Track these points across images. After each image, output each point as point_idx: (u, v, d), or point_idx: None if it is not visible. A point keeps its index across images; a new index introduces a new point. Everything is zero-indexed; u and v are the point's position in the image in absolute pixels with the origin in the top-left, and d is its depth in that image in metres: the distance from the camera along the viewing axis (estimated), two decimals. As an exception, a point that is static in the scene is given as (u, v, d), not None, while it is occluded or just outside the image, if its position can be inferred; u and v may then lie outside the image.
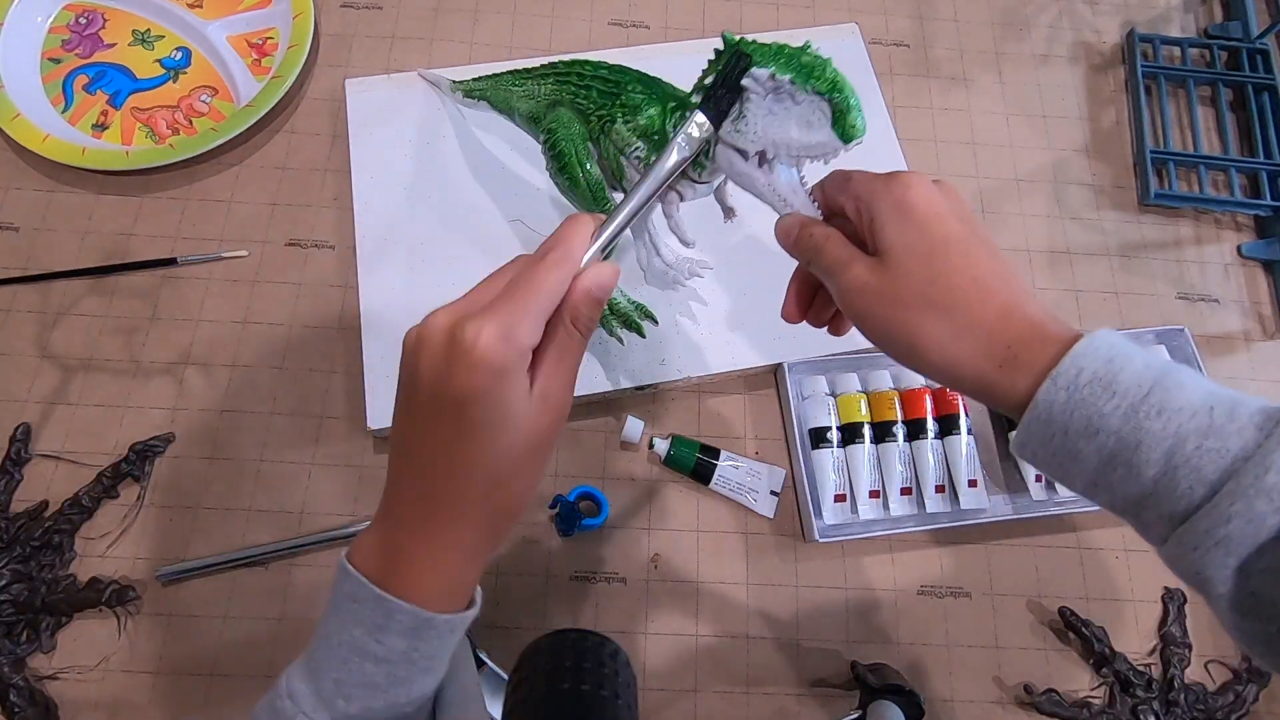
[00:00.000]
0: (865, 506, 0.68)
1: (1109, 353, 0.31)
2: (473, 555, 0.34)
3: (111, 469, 0.67)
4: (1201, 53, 0.93)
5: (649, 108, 0.56)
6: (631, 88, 0.58)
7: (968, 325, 0.33)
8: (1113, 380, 0.30)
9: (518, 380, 0.32)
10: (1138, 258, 0.82)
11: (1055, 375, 0.31)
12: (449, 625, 0.34)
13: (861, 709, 0.61)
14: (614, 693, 0.44)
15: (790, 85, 0.41)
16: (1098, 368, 0.30)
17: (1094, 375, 0.30)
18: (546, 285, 0.33)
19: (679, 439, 0.70)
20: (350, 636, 0.33)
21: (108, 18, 0.86)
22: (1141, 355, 0.31)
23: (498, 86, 0.73)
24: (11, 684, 0.60)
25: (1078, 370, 0.30)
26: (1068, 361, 0.31)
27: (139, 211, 0.77)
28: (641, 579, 0.68)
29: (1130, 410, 0.29)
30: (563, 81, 0.65)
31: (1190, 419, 0.29)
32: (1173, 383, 0.30)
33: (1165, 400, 0.29)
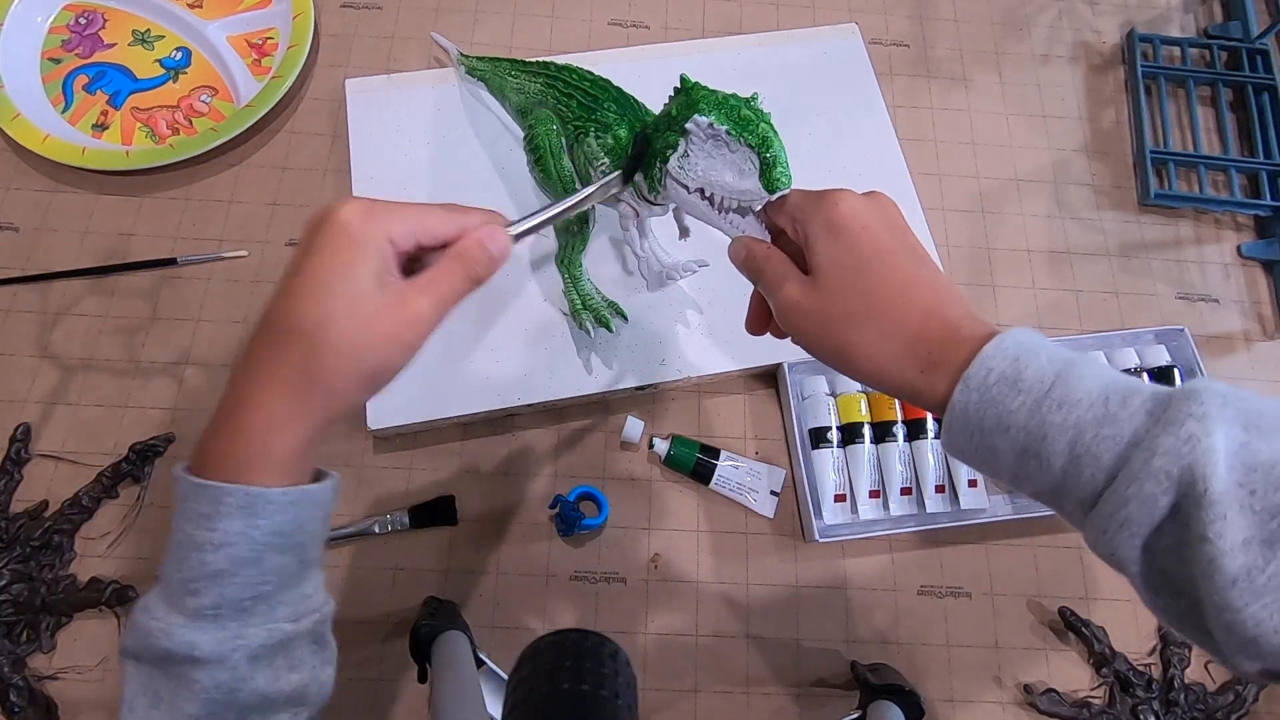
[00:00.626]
0: (865, 506, 0.68)
1: (1016, 351, 0.32)
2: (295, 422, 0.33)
3: (111, 469, 0.67)
4: (1201, 53, 0.93)
5: (618, 128, 0.61)
6: (608, 105, 0.62)
7: (892, 332, 0.35)
8: (1018, 378, 0.32)
9: (365, 257, 0.34)
10: (1138, 258, 0.82)
11: (966, 377, 0.32)
12: (289, 498, 0.33)
13: (861, 709, 0.61)
14: (614, 693, 0.44)
15: (727, 135, 0.44)
16: (1004, 367, 0.32)
17: (1001, 375, 0.32)
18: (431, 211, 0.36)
19: (679, 439, 0.70)
20: (184, 535, 0.33)
21: (108, 18, 0.86)
22: (1047, 350, 0.32)
23: (497, 71, 0.77)
24: (11, 684, 0.60)
25: (986, 371, 0.32)
26: (977, 363, 0.32)
27: (139, 211, 0.77)
28: (641, 579, 0.68)
29: (1035, 406, 0.31)
30: (550, 84, 0.69)
31: (1088, 410, 0.30)
32: (1074, 375, 0.31)
33: (1066, 393, 0.31)
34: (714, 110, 0.45)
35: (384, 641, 0.65)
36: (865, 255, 0.37)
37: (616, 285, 0.74)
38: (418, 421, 0.68)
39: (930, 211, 0.80)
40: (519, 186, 0.78)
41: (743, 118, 0.44)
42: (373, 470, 0.69)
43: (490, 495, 0.69)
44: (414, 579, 0.67)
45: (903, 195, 0.80)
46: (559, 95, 0.68)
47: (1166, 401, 0.29)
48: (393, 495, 0.69)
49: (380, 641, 0.65)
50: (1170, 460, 0.28)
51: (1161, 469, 0.28)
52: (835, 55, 0.86)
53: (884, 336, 0.35)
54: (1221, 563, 0.27)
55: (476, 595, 0.66)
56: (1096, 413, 0.30)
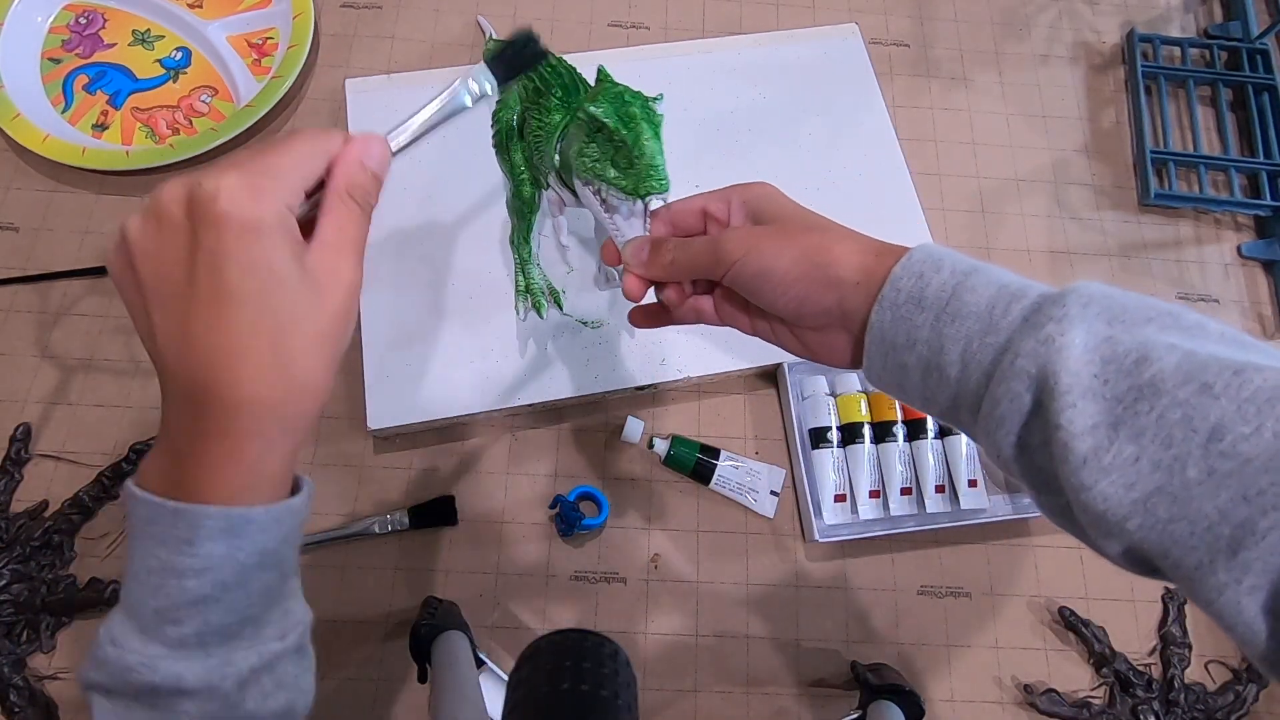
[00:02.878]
0: (865, 506, 0.68)
1: (920, 268, 0.34)
2: (270, 441, 0.30)
3: (111, 469, 0.67)
4: (1201, 53, 0.93)
5: (555, 114, 0.59)
6: (555, 92, 0.61)
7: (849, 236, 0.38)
8: (921, 295, 0.33)
9: (277, 243, 0.29)
10: (1138, 258, 0.82)
11: (881, 297, 0.34)
12: (272, 516, 0.31)
13: (861, 709, 0.61)
14: (614, 693, 0.44)
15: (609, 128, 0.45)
16: (910, 285, 0.34)
17: (909, 294, 0.34)
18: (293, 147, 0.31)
19: (679, 439, 0.70)
20: (157, 561, 0.30)
21: (108, 18, 0.86)
22: (950, 263, 0.34)
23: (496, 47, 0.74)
24: (11, 684, 0.60)
25: (896, 291, 0.34)
26: (889, 284, 0.34)
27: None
28: (641, 579, 0.68)
29: (935, 320, 0.33)
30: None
31: (976, 321, 0.32)
32: (967, 287, 0.33)
33: (959, 306, 0.32)
34: (605, 103, 0.45)
35: (384, 641, 0.65)
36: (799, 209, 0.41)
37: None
38: (418, 421, 0.68)
39: (930, 211, 0.80)
40: (519, 186, 0.78)
41: (628, 115, 0.44)
42: (373, 470, 0.69)
43: (490, 495, 0.69)
44: (414, 579, 0.67)
45: (903, 195, 0.80)
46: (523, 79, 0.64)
47: (1039, 306, 0.31)
48: (393, 495, 0.69)
49: (380, 641, 0.65)
50: (1030, 360, 0.30)
51: (1022, 368, 0.30)
52: (835, 55, 0.86)
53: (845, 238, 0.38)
54: (1072, 445, 0.28)
55: (476, 595, 0.66)
56: (983, 322, 0.32)
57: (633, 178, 0.44)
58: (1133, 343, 0.29)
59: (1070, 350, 0.29)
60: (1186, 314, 0.30)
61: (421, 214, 0.76)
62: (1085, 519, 0.29)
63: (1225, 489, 0.26)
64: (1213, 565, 0.26)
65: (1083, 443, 0.28)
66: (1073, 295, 0.30)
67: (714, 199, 0.42)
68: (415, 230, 0.75)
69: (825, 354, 0.39)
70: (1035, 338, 0.30)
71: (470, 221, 0.76)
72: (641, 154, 0.44)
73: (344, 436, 0.70)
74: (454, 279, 0.73)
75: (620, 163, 0.45)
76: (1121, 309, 0.30)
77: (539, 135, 0.60)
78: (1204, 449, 0.27)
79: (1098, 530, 0.29)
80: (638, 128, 0.44)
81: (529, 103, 0.63)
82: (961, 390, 0.33)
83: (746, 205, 0.41)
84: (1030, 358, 0.30)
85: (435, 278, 0.73)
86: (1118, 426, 0.28)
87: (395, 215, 0.76)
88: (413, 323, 0.71)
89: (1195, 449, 0.27)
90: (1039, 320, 0.30)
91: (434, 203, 0.77)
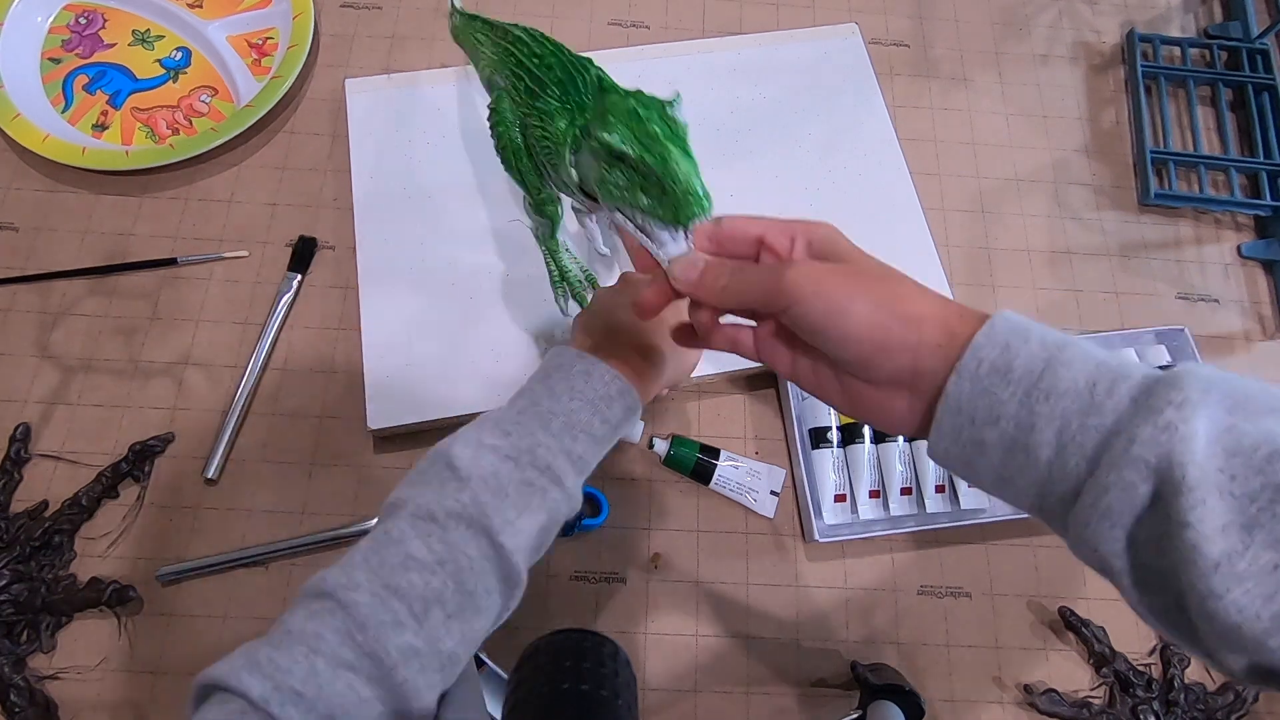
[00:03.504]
0: (865, 506, 0.68)
1: (1006, 338, 0.32)
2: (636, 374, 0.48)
3: (111, 469, 0.67)
4: (1201, 53, 0.93)
5: (559, 119, 0.53)
6: (551, 89, 0.55)
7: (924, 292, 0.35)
8: (1008, 367, 0.31)
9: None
10: (1138, 258, 0.82)
11: (959, 367, 0.32)
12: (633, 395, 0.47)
13: (861, 709, 0.61)
14: (614, 693, 0.44)
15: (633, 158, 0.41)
16: (995, 356, 0.31)
17: (992, 365, 0.31)
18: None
19: (679, 439, 0.70)
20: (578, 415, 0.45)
21: (108, 18, 0.86)
22: (1038, 335, 0.32)
23: (470, 31, 0.67)
24: (11, 684, 0.60)
25: (978, 362, 0.32)
26: (969, 352, 0.32)
27: (139, 211, 0.77)
28: (641, 579, 0.68)
29: (1025, 396, 0.31)
30: (504, 57, 0.60)
31: (1074, 400, 0.30)
32: (1061, 362, 0.31)
33: (1054, 383, 0.30)
34: (620, 126, 0.40)
35: (384, 641, 0.65)
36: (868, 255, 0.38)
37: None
38: (418, 421, 0.68)
39: (930, 211, 0.80)
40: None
41: (648, 136, 0.40)
42: (373, 470, 0.69)
43: (490, 495, 0.69)
44: (414, 579, 0.66)
45: (903, 195, 0.80)
46: (511, 75, 0.58)
47: (1151, 388, 0.29)
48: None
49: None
50: (1148, 448, 0.28)
51: (1140, 456, 0.28)
52: (835, 55, 0.86)
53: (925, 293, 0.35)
54: (1202, 548, 0.26)
55: (476, 595, 0.66)
56: (1083, 402, 0.30)
57: (669, 207, 0.39)
58: (1260, 435, 0.27)
59: (1195, 440, 0.27)
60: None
61: (421, 213, 0.76)
62: (1209, 630, 0.27)
63: None
64: None
65: (1214, 546, 0.26)
66: (1190, 379, 0.28)
67: (775, 229, 0.39)
68: (415, 230, 0.75)
69: (877, 414, 0.36)
70: (1154, 424, 0.28)
71: (471, 221, 0.76)
72: (675, 180, 0.39)
73: (344, 436, 0.70)
74: (454, 279, 0.73)
75: (651, 191, 0.40)
76: (1244, 396, 0.28)
77: (547, 148, 0.55)
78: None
79: (1225, 644, 0.27)
80: (663, 149, 0.39)
81: (525, 108, 0.57)
82: (1054, 475, 0.30)
83: (812, 244, 0.38)
84: (1149, 446, 0.27)
85: (435, 277, 0.73)
86: (1252, 529, 0.26)
87: (395, 215, 0.76)
88: (413, 323, 0.71)
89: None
90: (1155, 404, 0.28)
91: (434, 202, 0.77)
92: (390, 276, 0.73)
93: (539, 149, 0.57)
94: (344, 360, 0.73)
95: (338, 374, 0.72)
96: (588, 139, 0.44)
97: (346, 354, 0.73)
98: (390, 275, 0.73)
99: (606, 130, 0.40)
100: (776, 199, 0.78)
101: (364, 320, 0.71)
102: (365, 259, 0.74)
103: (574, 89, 0.54)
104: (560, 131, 0.53)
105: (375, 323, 0.71)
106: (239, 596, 0.65)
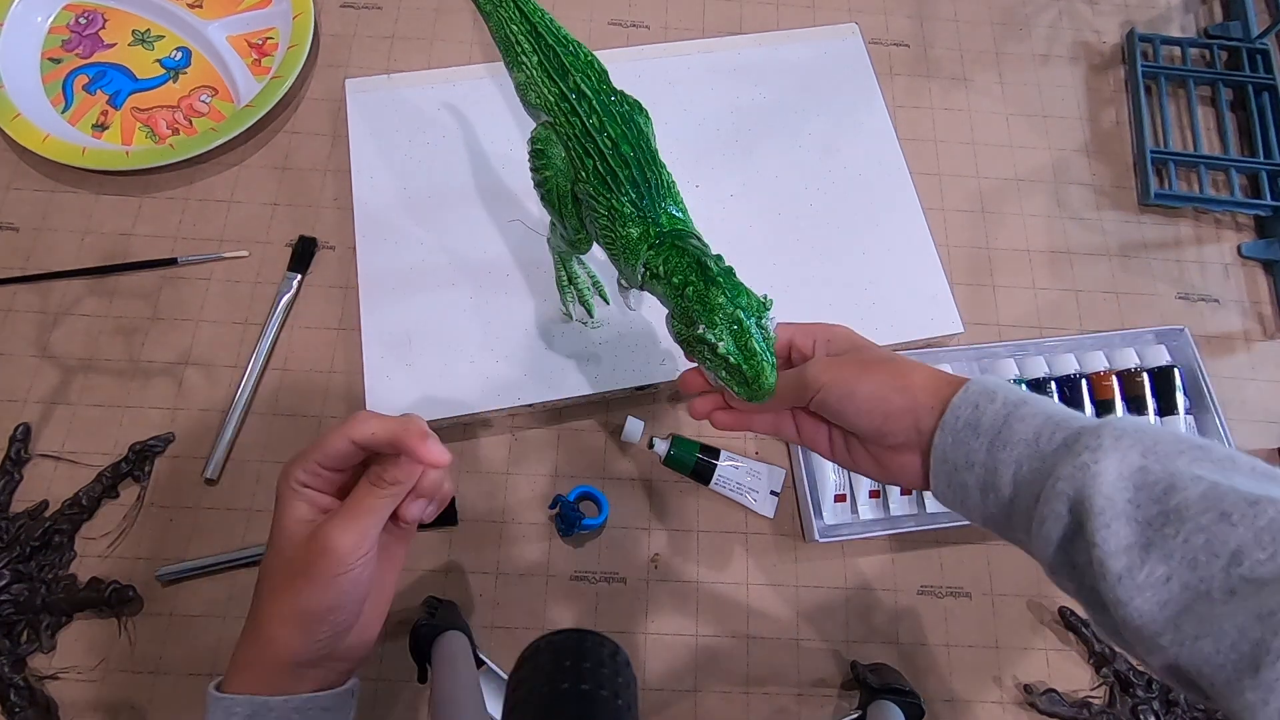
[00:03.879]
0: (865, 506, 0.68)
1: (976, 398, 0.39)
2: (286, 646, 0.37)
3: (111, 469, 0.67)
4: (1201, 53, 0.93)
5: (631, 226, 0.53)
6: (627, 188, 0.54)
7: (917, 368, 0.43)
8: (978, 422, 0.38)
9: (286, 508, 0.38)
10: (1138, 258, 0.82)
11: (942, 424, 0.39)
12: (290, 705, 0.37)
13: (861, 709, 0.61)
14: (614, 693, 0.44)
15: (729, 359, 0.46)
16: (968, 414, 0.39)
17: (966, 421, 0.39)
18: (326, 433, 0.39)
19: (679, 439, 0.70)
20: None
21: (108, 18, 0.86)
22: (1003, 395, 0.39)
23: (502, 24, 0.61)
24: (12, 684, 0.60)
25: (955, 418, 0.39)
26: (949, 411, 0.39)
27: (139, 211, 0.77)
28: (641, 579, 0.68)
29: (990, 446, 0.38)
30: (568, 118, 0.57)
31: (1025, 447, 0.37)
32: (1018, 416, 0.37)
33: (1010, 434, 0.37)
34: (725, 334, 0.45)
35: (384, 641, 0.65)
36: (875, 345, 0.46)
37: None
38: (418, 421, 0.68)
39: (930, 211, 0.80)
40: (520, 185, 0.78)
41: (748, 349, 0.45)
42: (373, 470, 0.69)
43: (490, 495, 0.69)
44: (414, 579, 0.67)
45: (903, 195, 0.80)
46: (576, 142, 0.56)
47: (1077, 436, 0.35)
48: (393, 495, 0.69)
49: (380, 641, 0.65)
50: (1068, 483, 0.34)
51: (1062, 490, 0.34)
52: (835, 55, 0.86)
53: (920, 367, 0.42)
54: (1108, 564, 0.32)
55: (476, 595, 0.66)
56: (1030, 449, 0.36)
57: (745, 390, 0.45)
58: (1163, 472, 0.33)
59: (1104, 476, 0.33)
60: (1217, 448, 0.34)
61: (421, 213, 0.76)
62: (1127, 634, 0.32)
63: (1243, 610, 0.28)
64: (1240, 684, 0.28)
65: (1117, 561, 0.32)
66: (1107, 428, 0.34)
67: (800, 334, 0.47)
68: (415, 230, 0.75)
69: (900, 474, 0.43)
70: (1073, 463, 0.34)
71: (471, 221, 0.76)
72: (760, 386, 0.44)
73: (344, 436, 0.70)
74: (454, 279, 0.73)
75: (734, 375, 0.45)
76: (1155, 442, 0.34)
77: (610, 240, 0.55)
78: (1225, 572, 0.30)
79: (1141, 646, 0.32)
80: (759, 366, 0.44)
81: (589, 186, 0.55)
82: (1015, 509, 0.37)
83: (831, 342, 0.46)
84: (1068, 481, 0.34)
85: (435, 277, 0.73)
86: (1149, 548, 0.31)
87: (395, 214, 0.76)
88: (413, 323, 0.72)
89: (1218, 572, 0.30)
90: (1076, 449, 0.34)
91: (434, 202, 0.77)
92: (390, 276, 0.73)
93: (600, 236, 0.57)
94: (344, 360, 0.73)
95: (338, 374, 0.72)
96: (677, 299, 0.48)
97: (346, 354, 0.73)
98: (390, 275, 0.73)
99: (713, 333, 0.45)
100: (776, 199, 0.78)
101: (364, 320, 0.71)
102: (365, 259, 0.74)
103: (650, 195, 0.54)
104: (633, 240, 0.53)
105: (375, 323, 0.71)
106: (239, 596, 0.65)
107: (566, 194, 0.59)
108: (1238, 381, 0.78)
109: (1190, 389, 0.72)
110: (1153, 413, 0.71)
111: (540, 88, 0.59)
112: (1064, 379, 0.72)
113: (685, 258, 0.50)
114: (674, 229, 0.53)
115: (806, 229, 0.78)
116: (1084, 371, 0.72)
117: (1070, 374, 0.72)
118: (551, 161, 0.58)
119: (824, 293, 0.75)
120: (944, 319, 0.75)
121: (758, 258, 0.74)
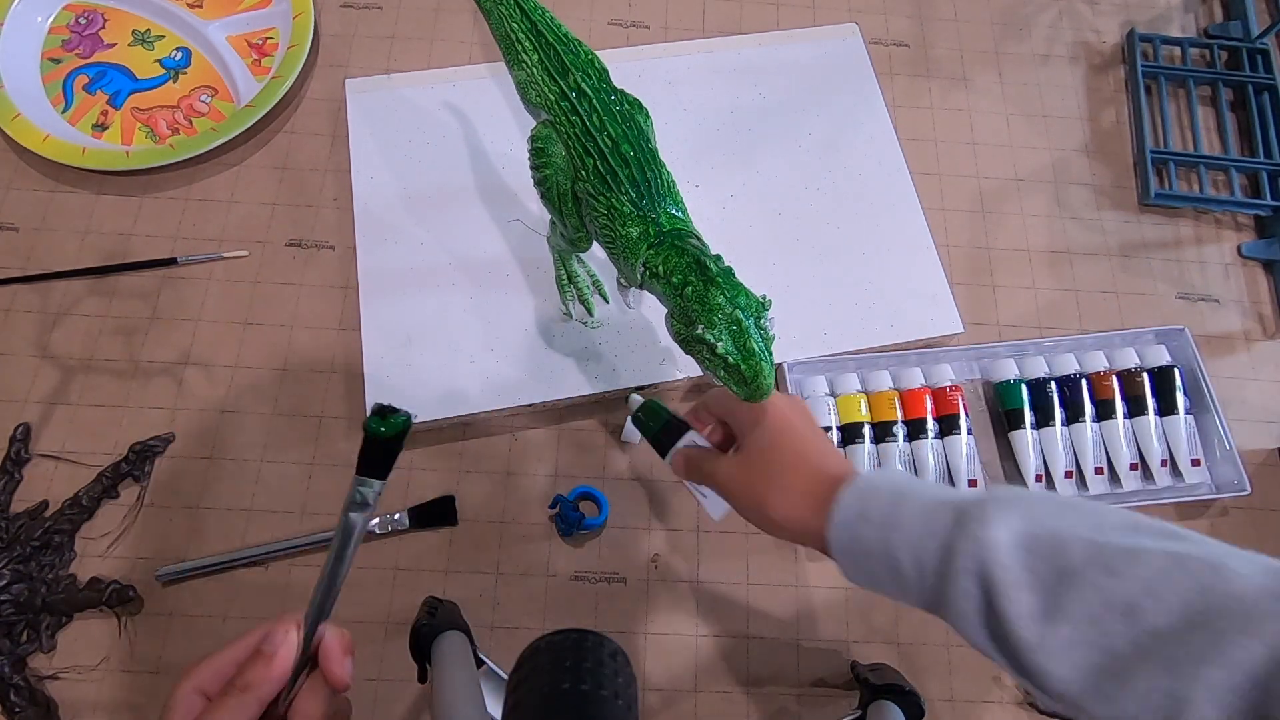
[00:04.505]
0: (865, 506, 0.68)
1: (860, 493, 0.40)
2: None
3: (111, 469, 0.67)
4: (1201, 53, 0.93)
5: (630, 225, 0.54)
6: (626, 186, 0.54)
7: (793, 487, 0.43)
8: (865, 514, 0.39)
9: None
10: (1138, 258, 0.82)
11: (834, 522, 0.40)
12: None
13: (861, 709, 0.61)
14: (614, 693, 0.44)
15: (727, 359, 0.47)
16: (858, 507, 0.40)
17: (856, 514, 0.40)
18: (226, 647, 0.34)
19: (654, 403, 0.53)
20: None
21: (108, 18, 0.86)
22: (888, 484, 0.40)
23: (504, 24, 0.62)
24: (12, 684, 0.60)
25: (843, 514, 0.40)
26: (836, 510, 0.40)
27: (139, 211, 0.77)
28: (641, 579, 0.68)
29: (881, 533, 0.38)
30: (568, 117, 0.57)
31: (912, 530, 0.37)
32: (904, 503, 0.38)
33: (898, 519, 0.38)
34: (724, 335, 0.46)
35: (384, 641, 0.65)
36: (778, 431, 0.45)
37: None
38: (418, 421, 0.68)
39: (930, 211, 0.80)
40: (520, 184, 0.78)
41: (746, 350, 0.45)
42: (373, 470, 0.69)
43: (490, 495, 0.69)
44: (414, 579, 0.67)
45: (903, 195, 0.80)
46: (576, 142, 0.57)
47: (966, 510, 0.36)
48: (393, 495, 0.69)
49: (380, 641, 0.65)
50: (968, 558, 0.34)
51: (965, 567, 0.34)
52: (835, 55, 0.86)
53: (786, 491, 0.43)
54: (1021, 635, 0.32)
55: (476, 595, 0.66)
56: (918, 531, 0.37)
57: (743, 390, 0.45)
58: (1048, 535, 0.33)
59: (999, 546, 0.34)
60: (1086, 505, 0.35)
61: (421, 213, 0.76)
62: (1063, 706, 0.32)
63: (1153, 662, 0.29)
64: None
65: (1029, 631, 0.32)
66: (992, 499, 0.36)
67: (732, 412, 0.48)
68: (415, 230, 0.75)
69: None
70: (967, 537, 0.35)
71: (470, 221, 0.76)
72: (759, 386, 0.45)
73: (344, 436, 0.70)
74: (454, 279, 0.73)
75: (733, 375, 0.46)
76: (1032, 506, 0.35)
77: (609, 239, 0.56)
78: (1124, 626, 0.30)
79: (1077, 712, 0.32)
80: (757, 366, 0.45)
81: (588, 185, 0.56)
82: (923, 589, 0.37)
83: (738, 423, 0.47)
84: (968, 556, 0.34)
85: (435, 277, 0.73)
86: (1052, 613, 0.32)
87: (395, 214, 0.76)
88: (413, 323, 0.72)
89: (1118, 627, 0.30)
90: (966, 522, 0.35)
91: (434, 202, 0.77)
92: (390, 276, 0.73)
93: (600, 235, 0.58)
94: (344, 360, 0.73)
95: (338, 374, 0.72)
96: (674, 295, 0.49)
97: (346, 354, 0.73)
98: (390, 275, 0.73)
99: (712, 333, 0.46)
100: (776, 199, 0.78)
101: (364, 320, 0.71)
102: (365, 259, 0.74)
103: (650, 194, 0.55)
104: (632, 239, 0.54)
105: (375, 323, 0.71)
106: (239, 596, 0.65)
107: (566, 192, 0.59)
108: (1238, 381, 0.78)
109: (1190, 389, 0.72)
110: (1153, 413, 0.71)
111: (540, 86, 0.60)
112: (1064, 379, 0.72)
113: (684, 257, 0.50)
114: (674, 228, 0.53)
115: (806, 229, 0.78)
116: (1084, 371, 0.72)
117: (1070, 374, 0.72)
118: (552, 160, 0.59)
119: (824, 293, 0.75)
120: (944, 319, 0.75)
121: (758, 258, 0.74)
